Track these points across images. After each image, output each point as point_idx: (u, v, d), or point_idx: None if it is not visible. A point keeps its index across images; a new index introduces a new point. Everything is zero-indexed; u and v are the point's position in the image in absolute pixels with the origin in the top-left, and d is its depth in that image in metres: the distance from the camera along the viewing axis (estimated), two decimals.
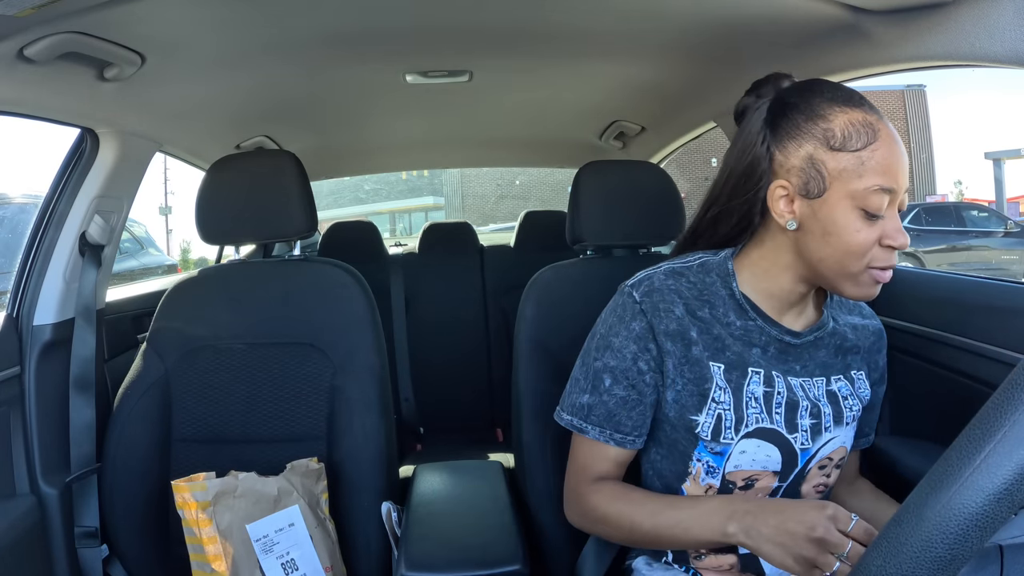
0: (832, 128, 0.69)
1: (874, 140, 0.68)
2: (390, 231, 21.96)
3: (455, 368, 2.22)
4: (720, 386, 0.75)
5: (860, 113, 0.69)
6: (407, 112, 1.71)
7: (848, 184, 0.68)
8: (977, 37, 0.74)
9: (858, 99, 0.70)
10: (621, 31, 1.11)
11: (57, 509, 1.09)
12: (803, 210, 0.71)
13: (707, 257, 0.81)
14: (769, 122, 0.73)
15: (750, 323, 0.77)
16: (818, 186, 0.70)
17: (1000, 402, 0.39)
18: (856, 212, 0.68)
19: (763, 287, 0.77)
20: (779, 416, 0.76)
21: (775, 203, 0.73)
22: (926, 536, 0.38)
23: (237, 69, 1.20)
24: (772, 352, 0.77)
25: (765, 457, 0.76)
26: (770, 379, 0.77)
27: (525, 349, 1.09)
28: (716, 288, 0.78)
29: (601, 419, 0.79)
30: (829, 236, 0.70)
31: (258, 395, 1.14)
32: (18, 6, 0.73)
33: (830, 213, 0.69)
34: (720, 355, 0.76)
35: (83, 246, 1.19)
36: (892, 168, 0.68)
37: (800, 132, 0.71)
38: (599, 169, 1.18)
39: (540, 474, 1.03)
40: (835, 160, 0.69)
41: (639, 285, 0.79)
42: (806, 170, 0.70)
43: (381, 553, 1.07)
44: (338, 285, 1.17)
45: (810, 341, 0.78)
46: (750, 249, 0.79)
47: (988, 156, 13.86)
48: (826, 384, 0.79)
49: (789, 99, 0.73)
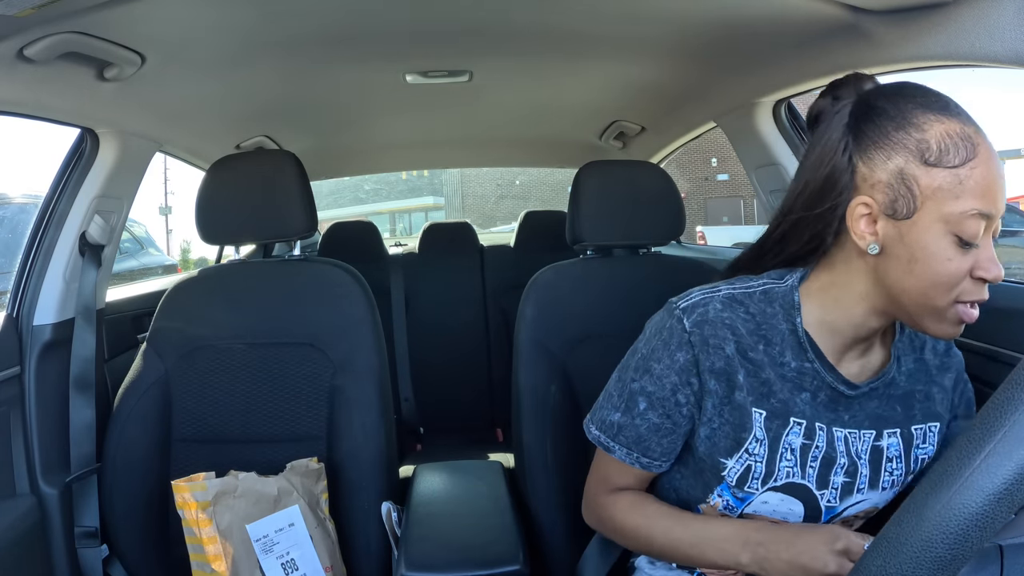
0: (927, 139, 0.60)
1: (973, 156, 0.59)
2: (390, 231, 21.97)
3: (455, 368, 2.22)
4: (758, 438, 0.69)
5: (958, 124, 0.60)
6: (407, 112, 1.71)
7: (943, 206, 0.59)
8: (977, 37, 0.74)
9: (955, 108, 0.62)
10: (621, 31, 1.11)
11: (57, 509, 1.09)
12: (888, 232, 0.62)
13: (772, 284, 0.72)
14: (852, 128, 0.64)
15: (806, 365, 0.69)
16: (908, 206, 0.61)
17: (1000, 402, 0.39)
18: (949, 238, 0.60)
19: (829, 320, 0.69)
20: (812, 470, 0.70)
21: (855, 222, 0.64)
22: (926, 536, 0.38)
23: (237, 69, 1.20)
24: (822, 399, 0.70)
25: (787, 510, 0.72)
26: (812, 431, 0.70)
27: (525, 349, 1.09)
28: (777, 321, 0.70)
29: (630, 441, 0.74)
30: (915, 264, 0.61)
31: (258, 395, 1.14)
32: (18, 6, 0.73)
33: (919, 237, 0.60)
34: (764, 401, 0.70)
35: (83, 246, 1.19)
36: (992, 190, 0.60)
37: (890, 142, 0.62)
38: (599, 169, 1.18)
39: (540, 474, 1.03)
40: (929, 177, 0.60)
41: (691, 311, 0.70)
42: (894, 186, 0.61)
43: (381, 553, 1.07)
44: (338, 285, 1.17)
45: (865, 392, 0.71)
46: (819, 273, 0.70)
47: None
48: (875, 439, 0.71)
49: (876, 103, 0.64)
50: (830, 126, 0.66)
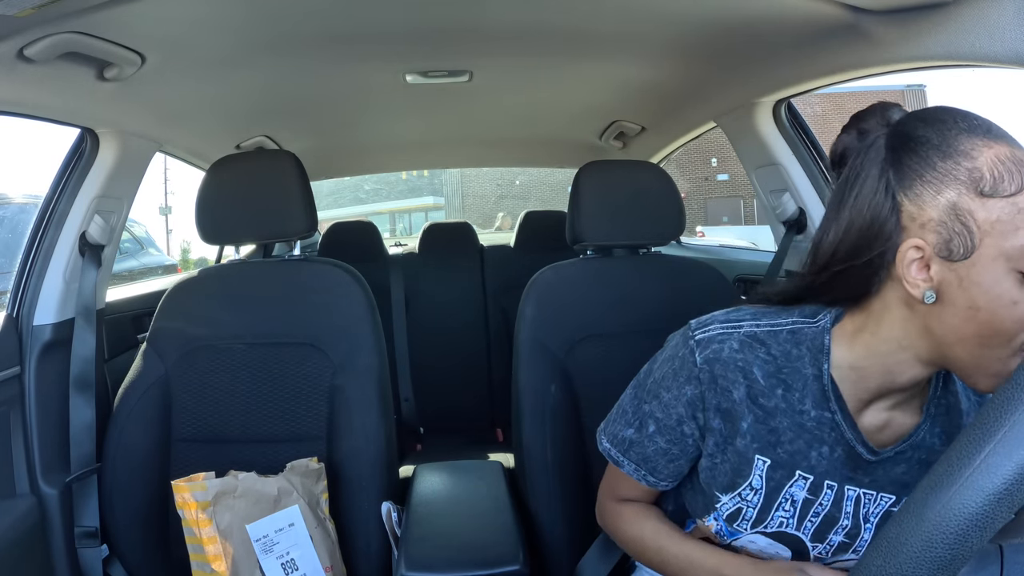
0: (979, 167, 0.54)
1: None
2: (390, 231, 21.95)
3: (455, 368, 2.22)
4: (754, 487, 0.67)
5: (1007, 147, 0.55)
6: (407, 112, 1.71)
7: (1004, 240, 0.53)
8: (977, 37, 0.74)
9: (997, 130, 0.57)
10: (621, 31, 1.11)
11: (57, 509, 1.09)
12: (943, 276, 0.55)
13: (802, 324, 0.66)
14: (892, 162, 0.58)
15: (826, 415, 0.65)
16: (965, 244, 0.54)
17: (1000, 402, 0.39)
18: (1013, 276, 0.53)
19: (862, 365, 0.63)
20: (811, 525, 0.68)
21: (907, 268, 0.57)
22: (926, 536, 0.38)
23: (237, 69, 1.20)
24: (839, 455, 0.65)
25: (775, 553, 0.70)
26: (818, 488, 0.66)
27: (525, 349, 1.09)
28: (802, 365, 0.65)
29: (639, 459, 0.74)
30: (977, 310, 0.54)
31: (258, 395, 1.14)
32: (18, 6, 0.73)
33: (981, 279, 0.54)
34: (770, 450, 0.66)
35: (83, 246, 1.19)
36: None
37: (938, 174, 0.55)
38: (599, 169, 1.18)
39: (540, 474, 1.03)
40: (986, 209, 0.53)
41: (706, 346, 0.67)
42: (948, 224, 0.55)
43: (381, 553, 1.07)
44: (338, 285, 1.17)
45: (890, 457, 0.66)
46: (855, 315, 0.64)
47: None
48: (892, 504, 0.67)
49: (915, 132, 0.57)
50: (864, 163, 0.60)
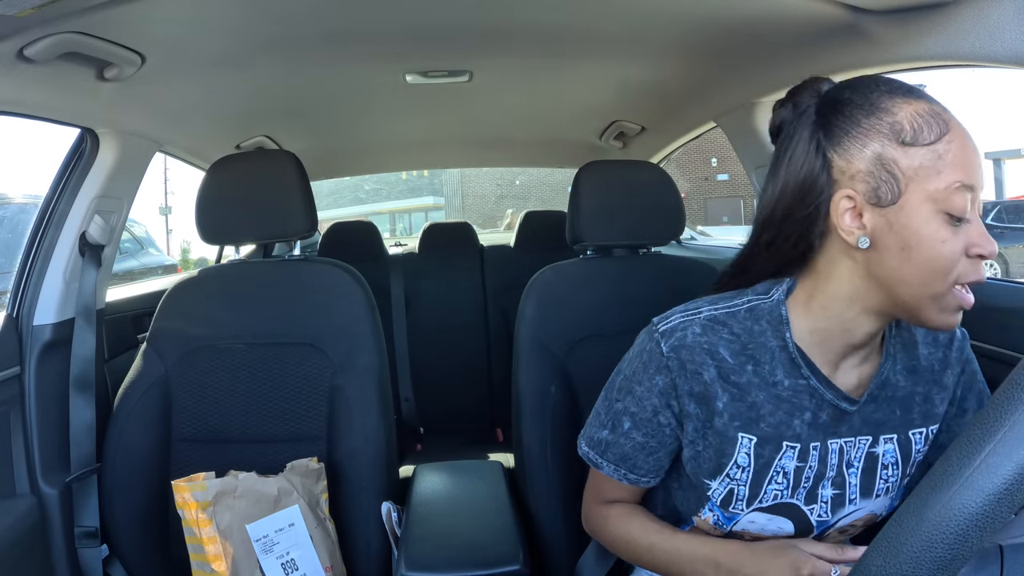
0: (900, 121, 0.60)
1: (947, 131, 0.59)
2: (390, 231, 21.96)
3: (455, 368, 2.22)
4: (740, 464, 0.68)
5: (925, 103, 0.60)
6: (407, 112, 1.71)
7: (927, 184, 0.58)
8: (977, 37, 0.74)
9: (918, 91, 0.62)
10: (621, 31, 1.11)
11: (57, 509, 1.09)
12: (875, 222, 0.60)
13: (758, 300, 0.69)
14: (821, 124, 0.64)
15: (800, 382, 0.67)
16: (892, 190, 0.59)
17: (1000, 402, 0.39)
18: (940, 217, 0.58)
19: (821, 327, 0.66)
20: (803, 489, 0.69)
21: (841, 217, 0.62)
22: (926, 536, 0.38)
23: (237, 69, 1.20)
24: (823, 419, 0.68)
25: (776, 528, 0.70)
26: (805, 453, 0.68)
27: (525, 349, 1.09)
28: (766, 339, 0.67)
29: (617, 458, 0.75)
30: (910, 250, 0.59)
31: (258, 395, 1.14)
32: (18, 6, 0.73)
33: (909, 221, 0.59)
34: (754, 426, 0.67)
35: (83, 246, 1.19)
36: (971, 161, 0.59)
37: (862, 129, 0.61)
38: (599, 169, 1.18)
39: (540, 474, 1.03)
40: (908, 157, 0.59)
41: (670, 335, 0.69)
42: (875, 173, 0.60)
43: (381, 553, 1.07)
44: (338, 285, 1.17)
45: (865, 401, 0.68)
46: (805, 282, 0.67)
47: (988, 156, 13.87)
48: (870, 445, 0.69)
49: (842, 96, 0.63)
50: (796, 129, 0.65)
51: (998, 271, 8.70)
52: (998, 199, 11.55)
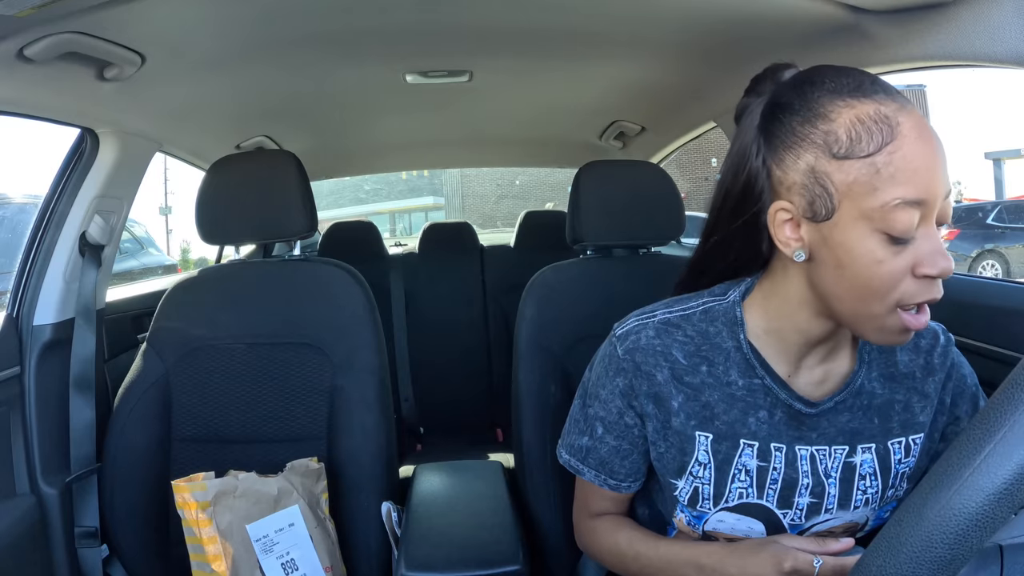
0: (835, 130, 0.54)
1: (891, 139, 0.53)
2: (390, 231, 21.96)
3: (455, 368, 2.22)
4: (700, 461, 0.67)
5: (871, 105, 0.54)
6: (407, 112, 1.71)
7: (861, 201, 0.53)
8: (977, 37, 0.74)
9: (870, 86, 0.55)
10: (621, 31, 1.11)
11: (57, 509, 1.09)
12: (812, 236, 0.57)
13: (713, 302, 0.69)
14: (763, 129, 0.60)
15: (755, 382, 0.66)
16: (825, 206, 0.55)
17: (1000, 402, 0.39)
18: (876, 237, 0.53)
19: (775, 328, 0.65)
20: (772, 492, 0.67)
21: (778, 229, 0.59)
22: (926, 536, 0.38)
23: (237, 69, 1.20)
24: (780, 417, 0.66)
25: (747, 528, 0.69)
26: (766, 453, 0.66)
27: (525, 349, 1.09)
28: (720, 340, 0.67)
29: (596, 464, 0.75)
30: (843, 269, 0.55)
31: (258, 395, 1.13)
32: (18, 6, 0.73)
33: (843, 240, 0.55)
34: (709, 424, 0.67)
35: (83, 246, 1.19)
36: (920, 173, 0.52)
37: (797, 139, 0.57)
38: (599, 169, 1.18)
39: (540, 474, 1.03)
40: (842, 171, 0.54)
41: (625, 338, 0.69)
42: (809, 187, 0.56)
43: (381, 553, 1.07)
44: (338, 285, 1.17)
45: (829, 408, 0.65)
46: (762, 283, 0.66)
47: (988, 156, 13.87)
48: (847, 455, 0.66)
49: (782, 99, 0.59)
50: (742, 129, 0.62)
51: (999, 271, 8.71)
52: (998, 199, 11.55)
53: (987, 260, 8.85)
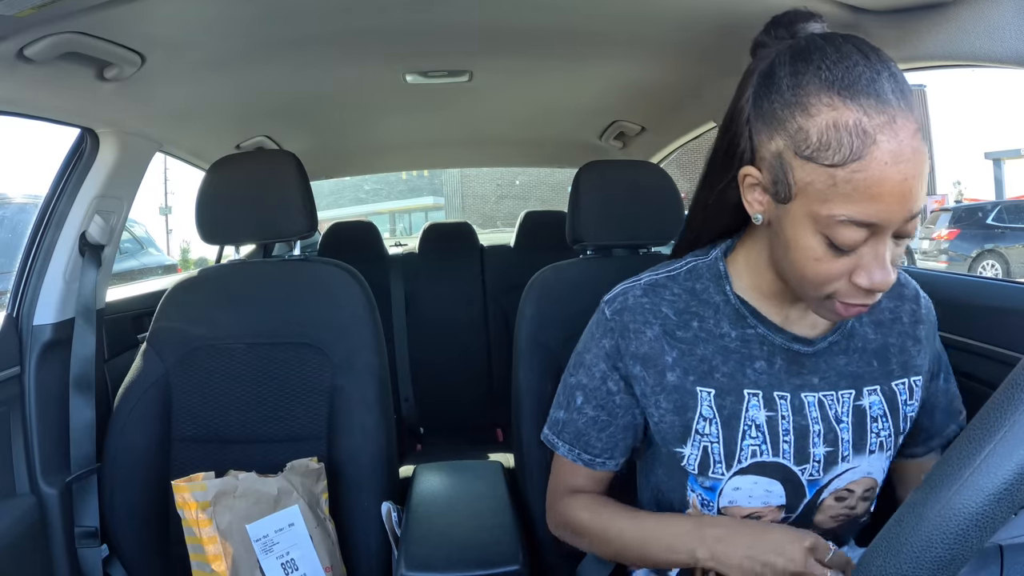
0: (808, 128, 0.53)
1: (860, 156, 0.51)
2: (390, 231, 21.96)
3: (455, 368, 2.22)
4: (705, 416, 0.66)
5: (855, 113, 0.51)
6: (407, 112, 1.71)
7: (812, 203, 0.54)
8: (977, 37, 0.74)
9: (864, 87, 0.52)
10: (621, 31, 1.11)
11: (57, 509, 1.09)
12: (770, 211, 0.60)
13: (696, 260, 0.70)
14: (755, 95, 0.59)
15: (749, 331, 0.66)
16: (784, 191, 0.56)
17: (1000, 402, 0.39)
18: (818, 237, 0.55)
19: (755, 283, 0.67)
20: (787, 446, 0.65)
21: (745, 189, 0.61)
22: (926, 536, 0.38)
23: (237, 69, 1.20)
24: (780, 365, 0.66)
25: (764, 492, 0.67)
26: (771, 402, 0.65)
27: (525, 349, 1.09)
28: (708, 295, 0.68)
29: (571, 437, 0.73)
30: (788, 251, 0.58)
31: (258, 395, 1.13)
32: (18, 6, 0.73)
33: (792, 228, 0.57)
34: (708, 378, 0.66)
35: (83, 246, 1.19)
36: (878, 200, 0.51)
37: (775, 120, 0.56)
38: (599, 169, 1.18)
39: (540, 474, 1.03)
40: (803, 170, 0.54)
41: (613, 301, 0.71)
42: (775, 168, 0.57)
43: (381, 553, 1.07)
44: (338, 285, 1.17)
45: (824, 347, 0.66)
46: (743, 240, 0.68)
47: (988, 156, 13.88)
48: (855, 398, 0.66)
49: (777, 70, 0.57)
50: (744, 84, 0.61)
51: (999, 271, 8.71)
52: (998, 199, 11.56)
53: (987, 260, 8.85)
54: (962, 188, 20.63)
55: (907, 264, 8.13)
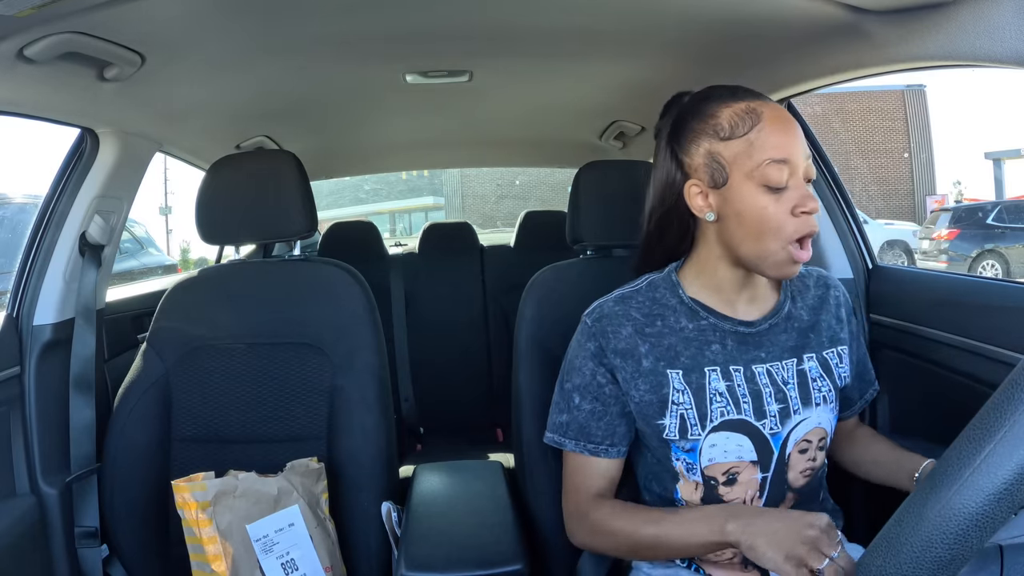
0: (720, 122, 0.77)
1: (758, 122, 0.75)
2: (390, 231, 21.94)
3: (455, 368, 2.22)
4: (678, 388, 0.81)
5: (743, 104, 0.77)
6: (407, 112, 1.71)
7: (744, 166, 0.75)
8: (977, 37, 0.74)
9: (743, 92, 0.78)
10: (621, 31, 1.11)
11: (57, 509, 1.09)
12: (716, 201, 0.78)
13: (652, 276, 0.87)
14: (672, 136, 0.82)
15: (703, 322, 0.83)
16: (721, 175, 0.77)
17: (1000, 402, 0.39)
18: (760, 189, 0.74)
19: (707, 283, 0.83)
20: (747, 405, 0.80)
21: (692, 200, 0.80)
22: (926, 536, 0.38)
23: (237, 69, 1.20)
24: (731, 345, 0.82)
25: (736, 447, 0.79)
26: (728, 374, 0.81)
27: (525, 349, 1.09)
28: (667, 300, 0.84)
29: (575, 433, 0.85)
30: (742, 217, 0.76)
31: (258, 395, 1.13)
32: (18, 6, 0.74)
33: (738, 195, 0.76)
34: (676, 362, 0.82)
35: (83, 246, 1.19)
36: (781, 143, 0.74)
37: (695, 133, 0.79)
38: (599, 169, 1.18)
39: (540, 474, 1.03)
40: (728, 148, 0.76)
41: (592, 312, 0.86)
42: (709, 164, 0.78)
43: (381, 553, 1.07)
44: (338, 285, 1.17)
45: (766, 328, 0.83)
46: (690, 256, 0.86)
47: (988, 156, 13.88)
48: (797, 364, 0.83)
49: (683, 113, 0.82)
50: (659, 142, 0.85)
51: (999, 271, 8.71)
52: (998, 199, 11.55)
53: (987, 260, 8.85)
54: (962, 188, 20.61)
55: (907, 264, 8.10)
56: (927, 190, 16.61)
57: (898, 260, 10.05)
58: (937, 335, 1.00)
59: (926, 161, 17.31)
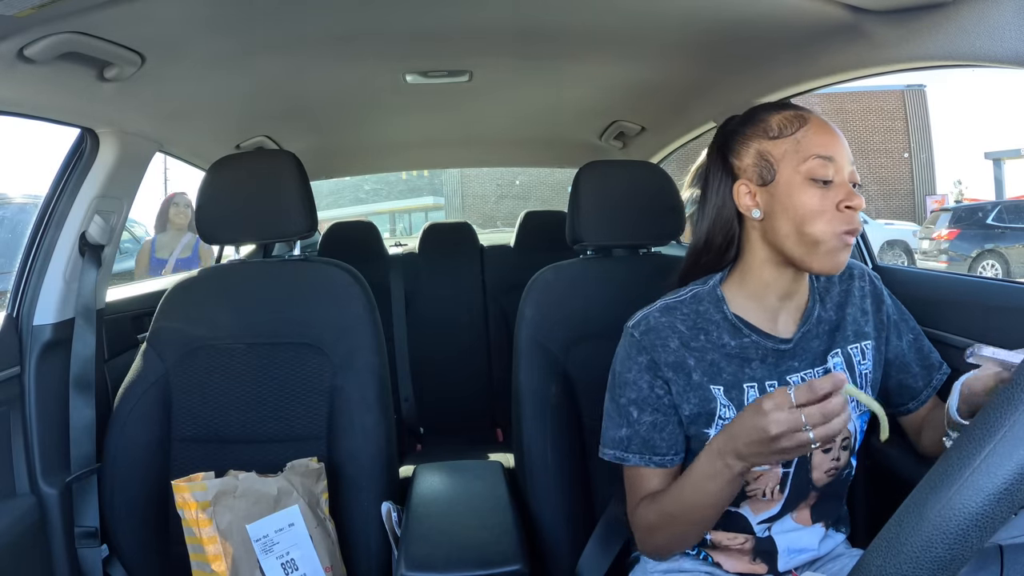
0: (769, 123, 0.82)
1: (805, 124, 0.80)
2: (390, 231, 21.92)
3: (455, 368, 2.22)
4: (724, 404, 0.82)
5: (790, 111, 0.82)
6: (407, 112, 1.71)
7: (792, 161, 0.79)
8: (977, 37, 0.74)
9: (789, 104, 0.84)
10: (621, 31, 1.11)
11: (57, 509, 1.09)
12: (764, 198, 0.81)
13: (697, 288, 0.87)
14: (722, 143, 0.86)
15: (745, 340, 0.84)
16: (770, 172, 0.80)
17: (1000, 402, 0.39)
18: (807, 183, 0.78)
19: (751, 291, 0.85)
20: None
21: (741, 200, 0.83)
22: (926, 536, 0.38)
23: (237, 69, 1.20)
24: (771, 361, 0.84)
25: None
26: (764, 389, 0.83)
27: (525, 349, 1.09)
28: (710, 315, 0.85)
29: (639, 447, 0.84)
30: (788, 210, 0.78)
31: (258, 395, 1.14)
32: (18, 6, 0.74)
33: (786, 190, 0.79)
34: (718, 378, 0.83)
35: (83, 246, 1.19)
36: (826, 143, 0.79)
37: (745, 136, 0.83)
38: (599, 169, 1.18)
39: (540, 474, 1.03)
40: (776, 147, 0.80)
41: (639, 325, 0.86)
42: (758, 163, 0.81)
43: (381, 553, 1.07)
44: (338, 285, 1.17)
45: (800, 338, 0.84)
46: (734, 267, 0.87)
47: (988, 156, 13.87)
48: (823, 370, 0.85)
49: (729, 125, 0.87)
50: (710, 154, 0.88)
51: (999, 271, 8.71)
52: (998, 199, 11.53)
53: (987, 260, 8.84)
54: (962, 188, 20.60)
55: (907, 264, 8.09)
56: (927, 190, 16.61)
57: (898, 260, 10.04)
58: (937, 335, 1.00)
59: (926, 161, 17.31)
